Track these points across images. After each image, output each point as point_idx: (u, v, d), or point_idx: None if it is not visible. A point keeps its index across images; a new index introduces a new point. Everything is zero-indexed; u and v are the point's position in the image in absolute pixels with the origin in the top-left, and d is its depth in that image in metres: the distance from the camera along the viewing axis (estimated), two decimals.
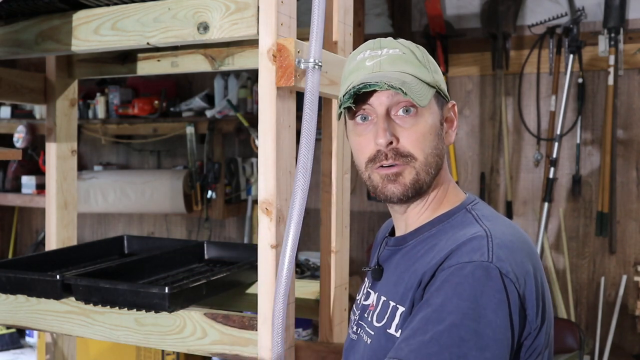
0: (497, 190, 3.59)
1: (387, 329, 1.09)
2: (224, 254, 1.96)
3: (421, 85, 1.09)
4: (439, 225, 1.13)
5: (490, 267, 0.98)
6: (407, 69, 1.11)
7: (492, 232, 1.03)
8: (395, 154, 1.09)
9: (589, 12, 3.33)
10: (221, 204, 3.79)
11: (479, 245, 1.01)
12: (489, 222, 1.08)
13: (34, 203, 4.11)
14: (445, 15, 3.56)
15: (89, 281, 1.48)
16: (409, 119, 1.10)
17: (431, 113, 1.12)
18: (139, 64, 1.92)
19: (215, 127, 3.73)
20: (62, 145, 2.02)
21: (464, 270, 0.98)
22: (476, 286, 0.97)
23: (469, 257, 0.99)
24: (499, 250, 1.00)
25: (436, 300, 0.98)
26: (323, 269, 1.54)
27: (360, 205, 3.77)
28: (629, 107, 3.35)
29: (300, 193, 1.22)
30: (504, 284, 0.97)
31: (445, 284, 0.99)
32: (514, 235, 1.07)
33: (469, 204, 1.15)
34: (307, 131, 1.22)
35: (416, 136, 1.10)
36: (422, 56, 1.14)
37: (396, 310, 1.08)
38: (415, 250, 1.13)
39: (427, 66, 1.14)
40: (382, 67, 1.12)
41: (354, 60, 1.17)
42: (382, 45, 1.15)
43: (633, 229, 3.35)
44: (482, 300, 0.96)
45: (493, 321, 0.95)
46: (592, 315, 3.39)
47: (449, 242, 1.05)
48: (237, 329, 1.35)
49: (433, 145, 1.11)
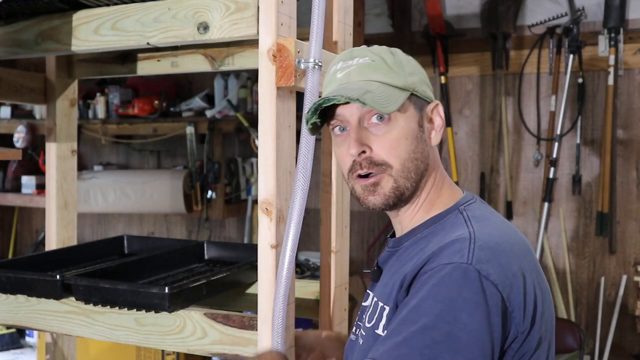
0: (497, 190, 3.59)
1: (375, 329, 1.09)
2: (224, 254, 1.96)
3: (389, 91, 1.08)
4: (432, 227, 1.12)
5: (469, 269, 0.96)
6: (374, 76, 1.10)
7: (476, 234, 1.02)
8: (369, 163, 1.09)
9: (589, 12, 3.33)
10: (221, 204, 3.79)
11: (460, 247, 0.99)
12: (478, 223, 1.07)
13: (34, 203, 4.12)
14: (445, 15, 3.56)
15: (89, 281, 1.48)
16: (382, 126, 1.09)
17: (406, 117, 1.10)
18: (139, 64, 1.92)
19: (215, 127, 3.73)
20: (62, 145, 2.02)
21: (441, 271, 0.97)
22: (452, 288, 0.95)
23: (449, 259, 0.98)
24: (480, 252, 0.98)
25: (413, 302, 0.97)
26: (323, 269, 1.54)
27: (360, 205, 3.77)
28: (629, 107, 3.35)
29: (300, 193, 1.22)
30: (482, 286, 0.95)
31: (424, 285, 0.98)
32: (502, 236, 1.05)
33: (463, 204, 1.13)
34: (307, 131, 1.22)
35: (389, 143, 1.09)
36: (393, 61, 1.13)
37: (383, 311, 1.09)
38: (407, 252, 1.12)
39: (398, 70, 1.12)
40: (350, 77, 1.12)
41: (328, 73, 1.17)
42: (354, 55, 1.14)
43: (633, 229, 3.35)
44: (458, 302, 0.94)
45: (468, 324, 0.93)
46: (592, 315, 3.39)
47: (434, 245, 1.05)
48: (237, 329, 1.35)
49: (410, 150, 1.10)
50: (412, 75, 1.13)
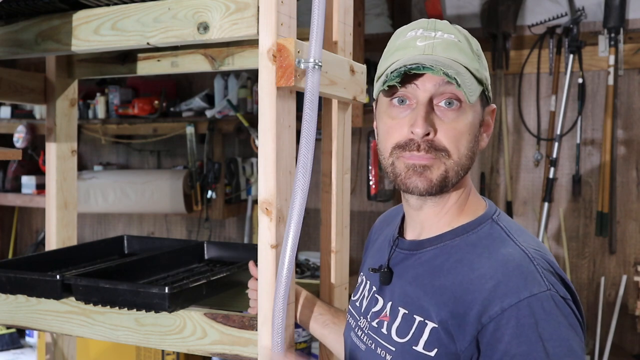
0: (497, 190, 3.59)
1: (413, 345, 1.01)
2: (224, 254, 1.96)
3: (472, 79, 1.02)
4: (464, 236, 1.05)
5: (553, 295, 0.93)
6: (461, 58, 1.03)
7: (530, 253, 0.98)
8: (429, 147, 1.01)
9: (589, 12, 3.33)
10: (221, 204, 3.79)
11: (530, 273, 0.94)
12: (520, 237, 1.02)
13: (34, 203, 4.12)
14: (445, 15, 3.56)
15: (89, 281, 1.48)
16: (451, 113, 1.01)
17: (474, 111, 1.04)
18: (139, 64, 1.92)
19: (215, 127, 3.73)
20: (62, 145, 2.02)
21: (530, 307, 0.91)
22: (551, 320, 0.91)
23: (529, 291, 0.92)
24: (548, 274, 0.95)
25: (520, 349, 0.90)
26: (323, 269, 1.54)
27: (360, 205, 3.77)
28: (629, 107, 3.35)
29: (300, 193, 1.21)
30: (569, 307, 0.94)
31: (521, 328, 0.90)
32: (541, 248, 1.02)
33: (494, 214, 1.08)
34: (307, 131, 1.22)
35: (454, 132, 1.01)
36: (477, 48, 1.06)
37: (424, 326, 1.00)
38: (438, 261, 1.04)
39: (480, 61, 1.06)
40: (434, 50, 1.03)
41: (402, 37, 1.07)
42: (437, 27, 1.05)
43: (633, 229, 3.35)
44: (563, 332, 0.91)
45: (578, 348, 0.91)
46: (592, 315, 3.39)
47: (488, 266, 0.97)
48: (237, 329, 1.35)
49: (469, 147, 1.03)
50: (487, 71, 1.07)
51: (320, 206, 1.56)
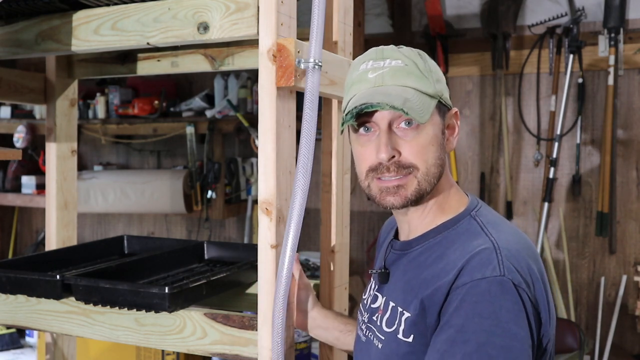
0: (497, 190, 3.59)
1: (397, 334, 1.11)
2: (224, 254, 1.96)
3: (422, 98, 1.10)
4: (445, 233, 1.14)
5: (504, 281, 1.00)
6: (408, 82, 1.12)
7: (499, 243, 1.05)
8: (397, 167, 1.11)
9: (589, 12, 3.33)
10: (221, 204, 3.79)
11: (489, 259, 1.02)
12: (494, 230, 1.10)
13: (34, 203, 4.12)
14: (445, 15, 3.56)
15: (89, 281, 1.48)
16: (410, 132, 1.11)
17: (433, 124, 1.13)
18: (139, 64, 1.92)
19: (215, 127, 3.73)
20: (62, 145, 2.02)
21: (479, 287, 1.00)
22: (494, 302, 0.99)
23: (482, 273, 1.01)
24: (508, 262, 1.02)
25: (457, 321, 1.00)
26: (323, 269, 1.54)
27: (360, 205, 3.77)
28: (629, 107, 3.35)
29: (300, 193, 1.22)
30: (519, 295, 1.00)
31: (463, 303, 1.00)
32: (518, 242, 1.09)
33: (473, 210, 1.16)
34: (307, 131, 1.22)
35: (417, 148, 1.11)
36: (423, 66, 1.14)
37: (402, 316, 1.11)
38: (422, 258, 1.14)
39: (429, 76, 1.14)
40: (384, 80, 1.12)
41: (356, 70, 1.17)
42: (385, 55, 1.15)
43: (633, 229, 3.35)
44: (503, 315, 0.98)
45: (517, 333, 0.98)
46: (592, 315, 3.39)
47: (458, 255, 1.07)
48: (237, 329, 1.35)
49: (435, 156, 1.13)
50: (439, 82, 1.15)
51: (320, 206, 1.56)
